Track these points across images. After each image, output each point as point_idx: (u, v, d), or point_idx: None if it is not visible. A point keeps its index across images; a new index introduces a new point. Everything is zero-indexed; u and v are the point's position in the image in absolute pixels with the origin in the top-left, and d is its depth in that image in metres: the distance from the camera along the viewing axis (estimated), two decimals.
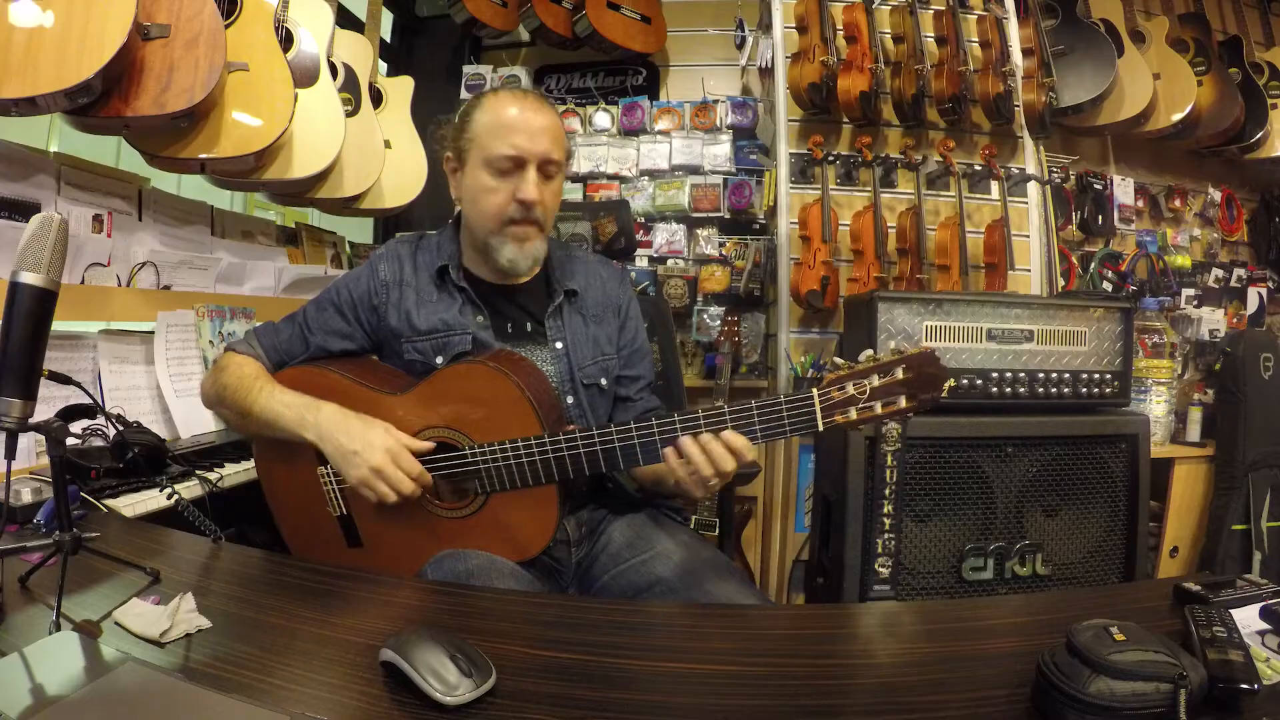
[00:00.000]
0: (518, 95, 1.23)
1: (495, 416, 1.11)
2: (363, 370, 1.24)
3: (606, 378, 1.30)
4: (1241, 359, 2.28)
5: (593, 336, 1.30)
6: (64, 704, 0.60)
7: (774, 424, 1.02)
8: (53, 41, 1.27)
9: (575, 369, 1.27)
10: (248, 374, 1.23)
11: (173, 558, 1.00)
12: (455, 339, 1.23)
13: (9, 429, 0.80)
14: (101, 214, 1.61)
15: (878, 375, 1.00)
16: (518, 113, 1.20)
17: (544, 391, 1.17)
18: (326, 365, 1.24)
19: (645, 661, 0.81)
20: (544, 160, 1.20)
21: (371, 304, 1.27)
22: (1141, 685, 0.63)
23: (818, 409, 1.01)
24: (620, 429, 1.07)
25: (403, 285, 1.27)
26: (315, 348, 1.27)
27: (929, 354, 1.01)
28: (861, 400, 1.00)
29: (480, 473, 1.11)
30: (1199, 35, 2.86)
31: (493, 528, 1.13)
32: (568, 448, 1.08)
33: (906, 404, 1.01)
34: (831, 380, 1.02)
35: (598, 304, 1.33)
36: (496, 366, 1.12)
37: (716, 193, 2.84)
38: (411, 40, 3.19)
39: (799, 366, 2.49)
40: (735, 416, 1.02)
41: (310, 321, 1.29)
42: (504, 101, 1.22)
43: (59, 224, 0.82)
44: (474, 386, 1.13)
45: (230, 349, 1.29)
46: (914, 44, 2.51)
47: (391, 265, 1.29)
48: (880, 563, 1.79)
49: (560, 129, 1.23)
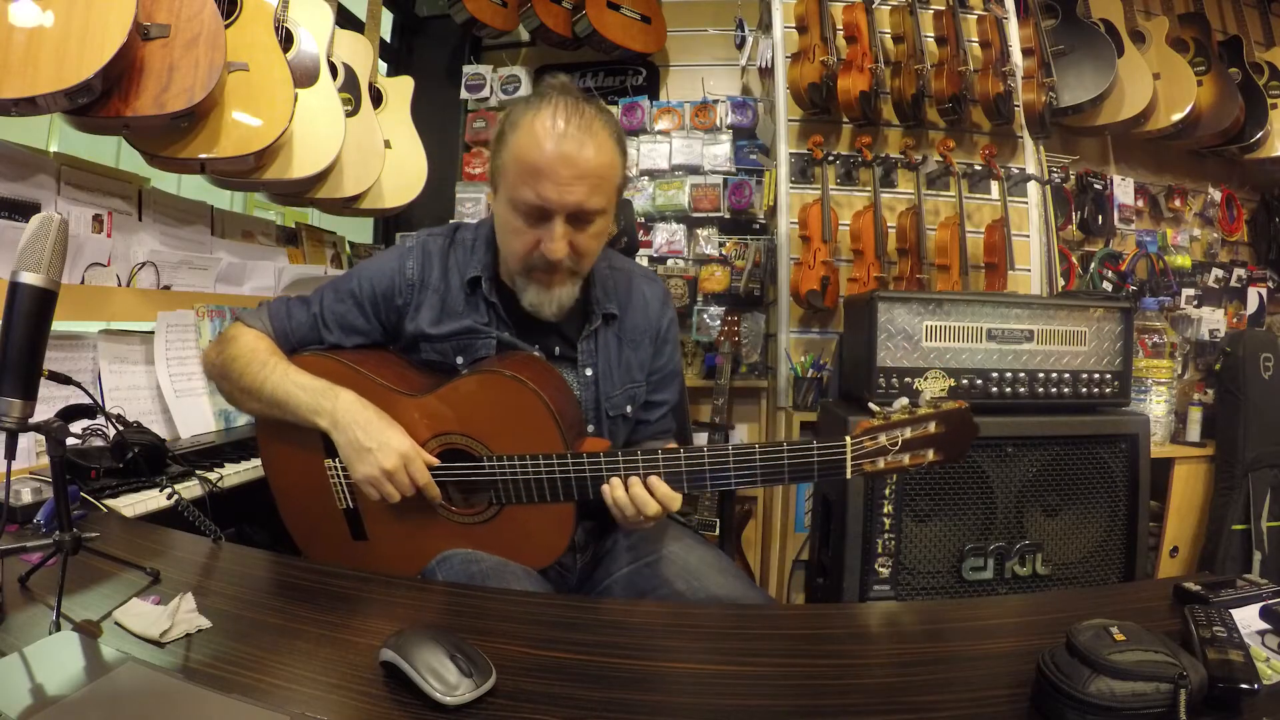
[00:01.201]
0: (559, 122, 1.03)
1: (516, 428, 1.08)
2: (380, 365, 1.18)
3: (633, 405, 1.25)
4: (1241, 359, 2.28)
5: (625, 362, 1.23)
6: (64, 704, 0.60)
7: (802, 470, 1.01)
8: (53, 41, 1.27)
9: (603, 398, 1.21)
10: (261, 348, 1.17)
11: (173, 558, 1.00)
12: (479, 342, 1.17)
13: (9, 429, 0.80)
14: (101, 214, 1.61)
15: (910, 428, 0.99)
16: (552, 150, 1.03)
17: (566, 404, 1.12)
18: (342, 356, 1.19)
19: (645, 661, 0.81)
20: (576, 211, 1.06)
21: (395, 303, 1.20)
22: (1141, 685, 0.63)
23: (849, 459, 1.00)
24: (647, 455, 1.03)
25: (429, 289, 1.19)
26: (329, 345, 1.22)
27: (964, 412, 1.00)
28: (892, 451, 1.00)
29: (496, 484, 1.08)
30: (1199, 35, 2.86)
31: (504, 537, 1.11)
32: (591, 470, 1.04)
33: (934, 457, 1.00)
34: (865, 430, 1.00)
35: (636, 328, 1.25)
36: (518, 377, 1.07)
37: (716, 193, 2.84)
38: (411, 40, 3.19)
39: (799, 366, 2.49)
40: (765, 457, 1.01)
41: (327, 314, 1.21)
42: (541, 131, 1.03)
43: (59, 224, 0.82)
44: (494, 396, 1.09)
45: (241, 319, 1.23)
46: (914, 44, 2.51)
47: (420, 264, 1.20)
48: (880, 563, 1.80)
49: (606, 166, 1.06)
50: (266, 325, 1.22)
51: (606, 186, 1.08)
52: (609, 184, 1.08)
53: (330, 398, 1.10)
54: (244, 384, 1.15)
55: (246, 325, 1.21)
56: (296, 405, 1.11)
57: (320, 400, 1.10)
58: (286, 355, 1.20)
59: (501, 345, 1.17)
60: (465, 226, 1.26)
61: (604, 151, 1.06)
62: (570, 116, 1.04)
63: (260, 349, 1.17)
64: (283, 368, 1.14)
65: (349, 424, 1.07)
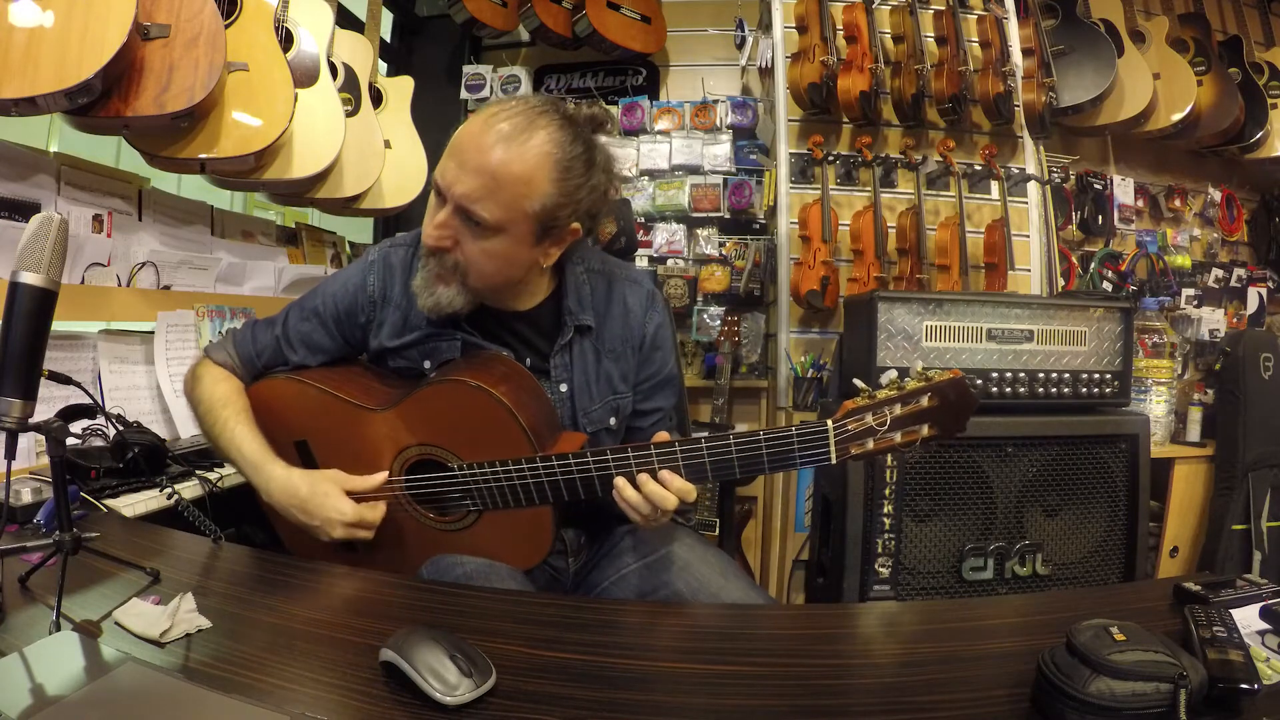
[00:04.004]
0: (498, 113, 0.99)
1: (482, 436, 1.05)
2: (345, 381, 1.17)
3: (616, 417, 1.18)
4: (1241, 359, 2.28)
5: (604, 375, 1.16)
6: (64, 704, 0.60)
7: (783, 457, 0.96)
8: (52, 41, 1.27)
9: (579, 413, 1.15)
10: (218, 397, 1.15)
11: (173, 558, 1.00)
12: (444, 344, 1.14)
13: (9, 429, 0.80)
14: (101, 214, 1.61)
15: (900, 404, 0.93)
16: (471, 132, 0.99)
17: (534, 404, 1.09)
18: (307, 377, 1.17)
19: (645, 661, 0.81)
20: (460, 205, 0.98)
21: (358, 321, 1.17)
22: (1141, 685, 0.63)
23: (832, 442, 0.94)
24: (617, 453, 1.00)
25: (390, 305, 1.15)
26: (294, 365, 1.19)
27: (959, 381, 0.94)
28: (881, 431, 0.93)
29: (471, 491, 1.08)
30: (1199, 35, 2.86)
31: (488, 541, 1.10)
32: (561, 472, 1.01)
33: (929, 433, 0.94)
34: (849, 410, 0.94)
35: (615, 338, 1.16)
36: (481, 387, 1.04)
37: (716, 193, 2.84)
38: (411, 40, 3.19)
39: (799, 366, 2.49)
40: (741, 448, 0.97)
41: (292, 334, 1.19)
42: (482, 116, 1.00)
43: (59, 224, 0.82)
44: (459, 405, 1.06)
45: (207, 354, 1.22)
46: (914, 44, 2.51)
47: (381, 279, 1.16)
48: (880, 563, 1.80)
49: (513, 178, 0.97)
50: (231, 354, 1.20)
51: (506, 199, 0.97)
52: (511, 197, 0.97)
53: (264, 477, 1.10)
54: (204, 431, 1.18)
55: (212, 361, 1.21)
56: (241, 471, 1.13)
57: (255, 478, 1.11)
58: (254, 379, 1.20)
59: (467, 346, 1.13)
60: None
61: (522, 162, 0.97)
62: (513, 117, 0.98)
63: (218, 397, 1.15)
64: (232, 425, 1.13)
65: (285, 507, 1.09)
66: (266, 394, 1.18)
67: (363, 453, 1.12)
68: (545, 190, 0.99)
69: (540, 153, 0.98)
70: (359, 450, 1.12)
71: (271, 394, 1.18)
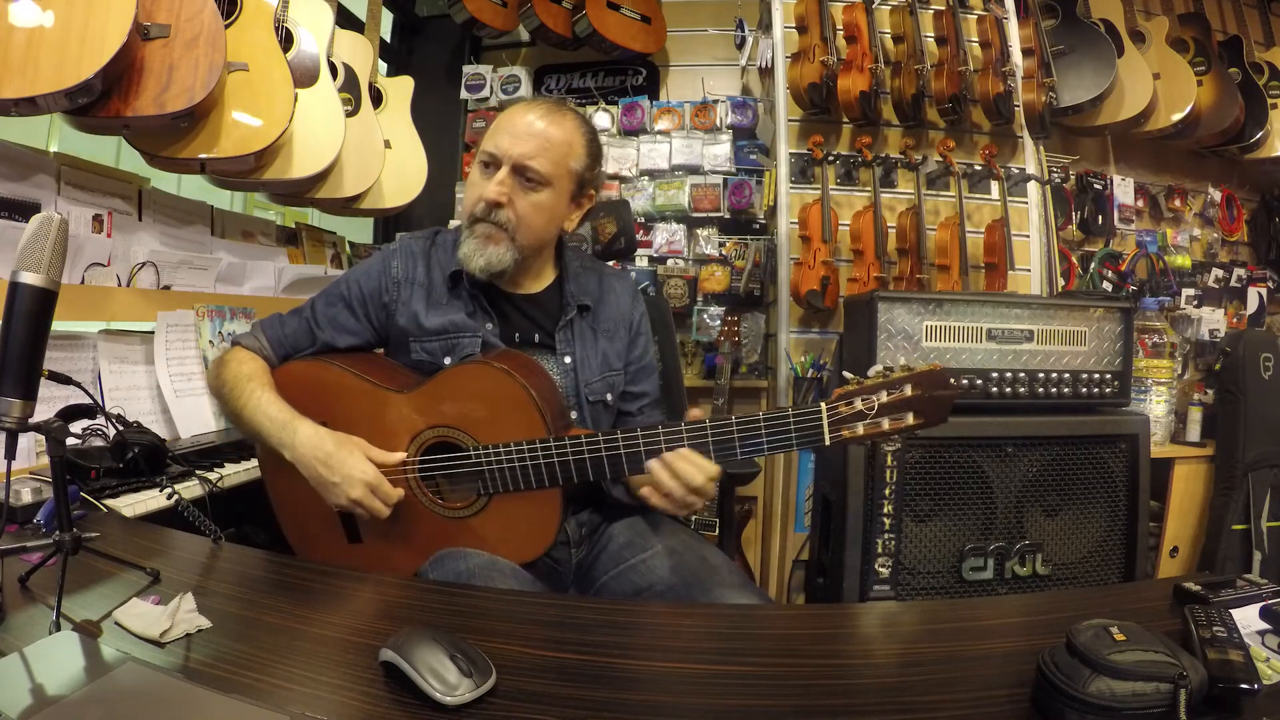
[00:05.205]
0: (536, 103, 1.22)
1: (500, 418, 1.11)
2: (369, 365, 1.22)
3: (612, 393, 1.30)
4: (1241, 359, 2.28)
5: (602, 352, 1.29)
6: (64, 704, 0.60)
7: (780, 436, 1.02)
8: (52, 41, 1.27)
9: (582, 384, 1.26)
10: (244, 374, 1.20)
11: (173, 558, 1.00)
12: (465, 340, 1.22)
13: (9, 429, 0.80)
14: (101, 214, 1.61)
15: (885, 391, 1.00)
16: (516, 114, 1.20)
17: (550, 394, 1.16)
18: (331, 360, 1.22)
19: (645, 661, 0.81)
20: (519, 164, 1.17)
21: (382, 301, 1.25)
22: (1141, 685, 0.63)
23: (825, 423, 1.01)
24: (627, 434, 1.06)
25: (414, 285, 1.25)
26: (322, 344, 1.25)
27: (938, 372, 1.01)
28: (869, 415, 1.01)
29: (484, 474, 1.11)
30: (1199, 35, 2.86)
31: (494, 529, 1.13)
32: (573, 452, 1.07)
33: (914, 421, 1.00)
34: (840, 395, 1.02)
35: (610, 319, 1.32)
36: (502, 367, 1.11)
37: (716, 193, 2.84)
38: (411, 40, 3.19)
39: (799, 366, 2.49)
40: (742, 427, 1.03)
41: (319, 316, 1.26)
42: (518, 106, 1.22)
43: (59, 224, 0.82)
44: (480, 387, 1.12)
45: (237, 342, 1.27)
46: (914, 44, 2.51)
47: (405, 262, 1.26)
48: (880, 563, 1.79)
49: (560, 140, 1.19)
50: (260, 339, 1.25)
51: (556, 155, 1.18)
52: (560, 155, 1.19)
53: (290, 432, 1.13)
54: (230, 410, 1.21)
55: (242, 346, 1.25)
56: (266, 437, 1.15)
57: (282, 434, 1.13)
58: (282, 362, 1.24)
59: (487, 345, 1.22)
60: (445, 230, 1.33)
61: (563, 129, 1.19)
62: (545, 104, 1.22)
63: (243, 374, 1.20)
64: (258, 395, 1.17)
65: (309, 460, 1.11)
66: (290, 377, 1.22)
67: (381, 433, 1.15)
68: (581, 153, 1.22)
69: (575, 126, 1.22)
70: (377, 431, 1.15)
71: (295, 376, 1.22)
